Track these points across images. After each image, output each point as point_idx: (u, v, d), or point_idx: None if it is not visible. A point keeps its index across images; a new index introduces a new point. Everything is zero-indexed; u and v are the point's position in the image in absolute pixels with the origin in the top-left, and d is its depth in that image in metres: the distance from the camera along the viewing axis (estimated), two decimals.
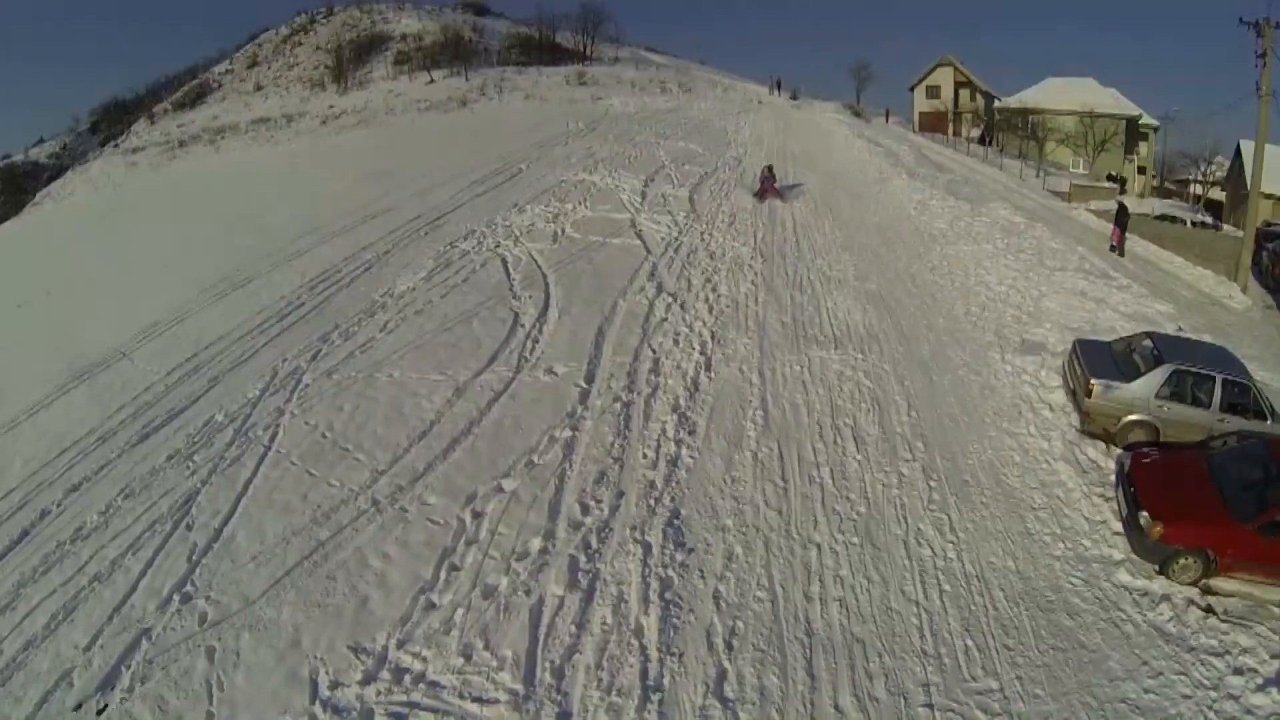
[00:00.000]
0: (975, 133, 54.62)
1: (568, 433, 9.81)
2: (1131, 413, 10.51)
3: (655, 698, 6.12)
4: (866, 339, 12.80)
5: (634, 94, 49.51)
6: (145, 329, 16.80)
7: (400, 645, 6.82)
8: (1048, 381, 11.66)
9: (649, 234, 18.63)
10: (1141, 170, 53.52)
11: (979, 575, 7.73)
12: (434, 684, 6.41)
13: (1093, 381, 10.59)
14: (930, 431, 10.10)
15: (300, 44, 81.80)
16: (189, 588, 7.94)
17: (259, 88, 75.16)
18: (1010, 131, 48.32)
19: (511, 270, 16.37)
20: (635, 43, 76.62)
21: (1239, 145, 49.62)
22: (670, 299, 14.23)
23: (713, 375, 11.34)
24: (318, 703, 6.35)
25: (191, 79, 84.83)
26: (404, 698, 6.31)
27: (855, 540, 7.97)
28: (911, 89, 60.14)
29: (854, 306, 14.22)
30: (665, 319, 13.35)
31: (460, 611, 7.07)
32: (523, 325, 13.37)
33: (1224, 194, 51.29)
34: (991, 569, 7.84)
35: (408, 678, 6.50)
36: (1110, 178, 46.01)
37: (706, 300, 14.27)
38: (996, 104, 53.48)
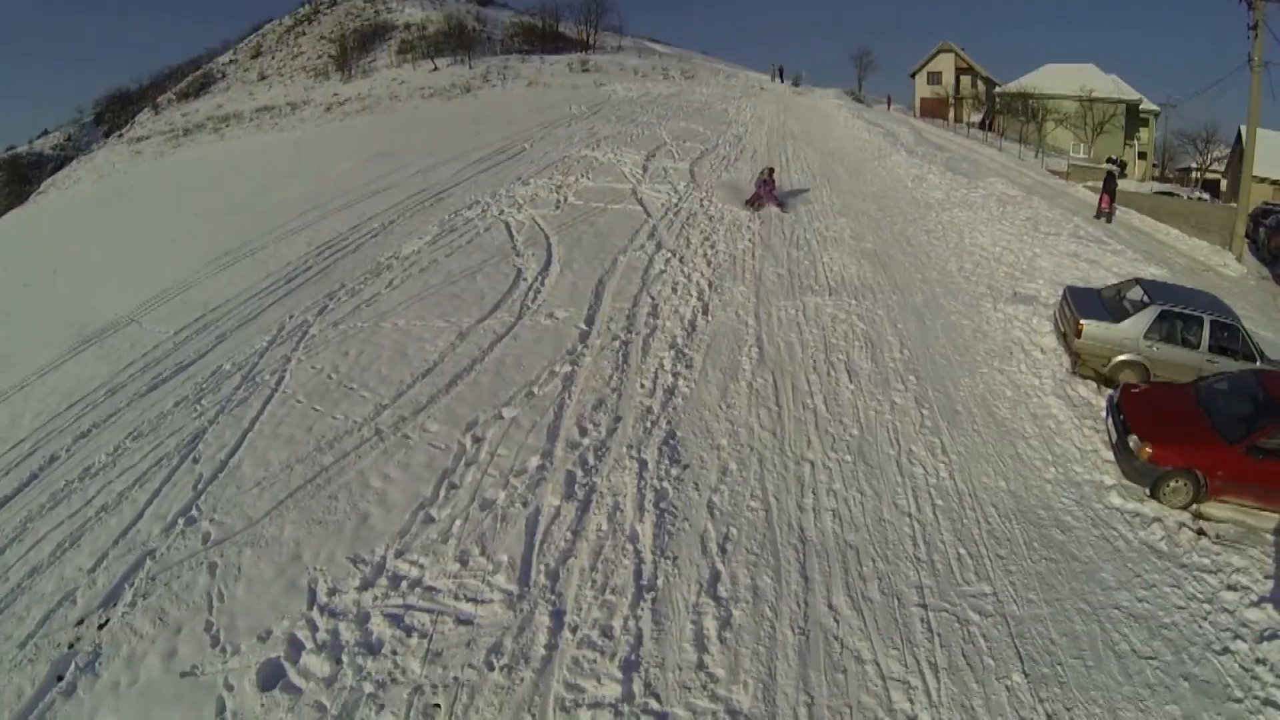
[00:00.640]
0: (976, 118, 54.63)
1: (567, 368, 9.99)
2: (1121, 353, 10.67)
3: (649, 596, 6.29)
4: (860, 289, 12.97)
5: (637, 80, 49.60)
6: (153, 297, 16.98)
7: (399, 555, 6.97)
8: (1039, 328, 11.82)
9: (649, 200, 18.77)
10: (1142, 156, 53.51)
11: (971, 493, 7.90)
12: (430, 589, 6.55)
13: (1082, 322, 10.76)
14: (923, 367, 10.27)
15: (304, 34, 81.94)
16: (194, 512, 8.08)
17: (263, 77, 75.37)
18: (1010, 116, 48.35)
19: (515, 233, 16.52)
20: (638, 34, 76.78)
21: (1240, 130, 49.62)
22: (669, 254, 14.39)
23: (709, 318, 11.51)
24: (315, 608, 6.48)
25: (195, 69, 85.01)
26: (400, 601, 6.45)
27: (848, 458, 8.15)
28: (913, 75, 60.18)
29: (849, 262, 14.38)
30: (664, 271, 13.51)
31: (458, 523, 7.25)
32: (525, 279, 13.53)
33: (1225, 180, 51.35)
34: (983, 488, 8.01)
35: (405, 583, 6.63)
36: (1110, 161, 46.11)
37: (705, 255, 14.43)
38: (996, 89, 53.48)
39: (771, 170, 18.47)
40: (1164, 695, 5.82)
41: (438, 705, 5.45)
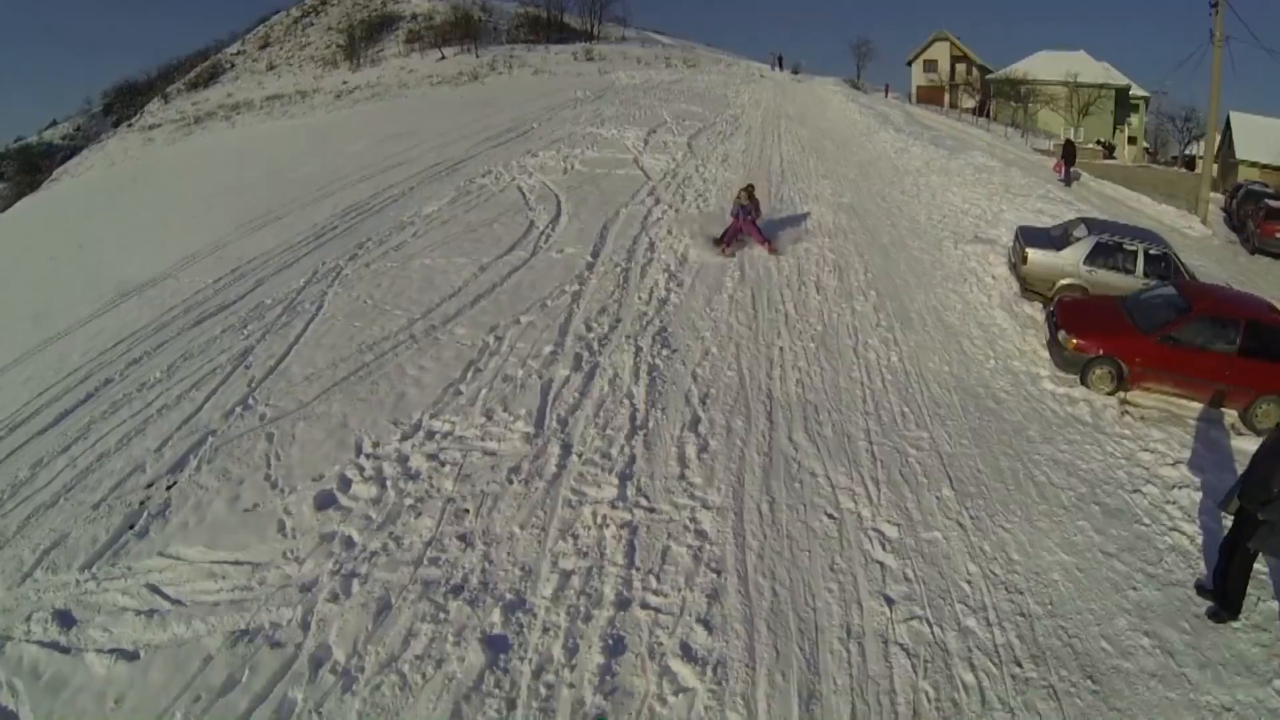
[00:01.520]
0: (971, 104, 55.95)
1: (575, 287, 11.49)
2: (1064, 277, 12.11)
3: (640, 433, 7.78)
4: (835, 232, 14.45)
5: (640, 68, 51.06)
6: (185, 258, 18.01)
7: (433, 416, 8.34)
8: (993, 262, 13.27)
9: (650, 167, 20.25)
10: (1132, 140, 54.76)
11: (917, 373, 9.38)
12: (460, 437, 7.92)
13: (1028, 250, 12.22)
14: (883, 286, 11.77)
15: (312, 25, 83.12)
16: (249, 401, 9.21)
17: (271, 67, 76.54)
18: (1003, 101, 49.69)
19: (527, 194, 17.99)
20: (642, 25, 78.06)
21: (1229, 117, 50.94)
22: (667, 207, 15.88)
23: (701, 252, 12.99)
24: (361, 456, 7.71)
25: (203, 60, 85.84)
26: (435, 446, 7.78)
27: (812, 345, 9.66)
28: (909, 63, 61.53)
29: (827, 213, 15.85)
30: (660, 219, 14.99)
31: (483, 392, 8.72)
32: (537, 226, 15.00)
33: (1215, 163, 52.59)
34: (929, 370, 9.49)
35: (438, 435, 7.98)
36: (1099, 144, 47.46)
37: (698, 208, 15.91)
38: (989, 76, 54.81)
39: (752, 189, 13.20)
40: (1076, 514, 7.20)
41: (467, 510, 6.87)
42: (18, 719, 5.23)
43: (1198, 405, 9.61)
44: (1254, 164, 44.53)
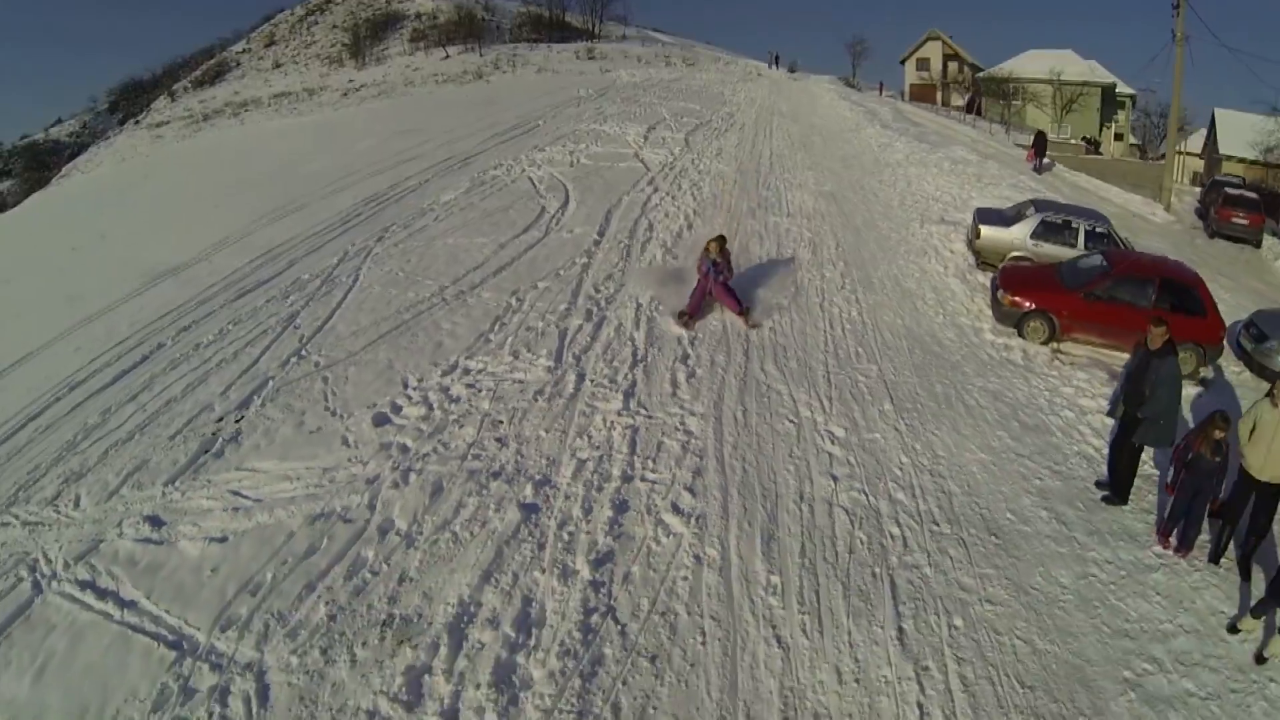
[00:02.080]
0: (962, 101, 57.61)
1: (584, 259, 13.16)
2: (1013, 250, 13.80)
3: (640, 364, 9.46)
4: (814, 215, 16.14)
5: (640, 66, 52.75)
6: (213, 245, 19.13)
7: (468, 358, 9.94)
8: (953, 240, 14.96)
9: (650, 160, 21.91)
10: (1119, 136, 56.37)
11: (874, 324, 11.07)
12: (492, 372, 9.54)
13: (981, 227, 13.91)
14: (851, 258, 13.47)
15: (316, 23, 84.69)
16: (302, 353, 10.62)
17: (277, 65, 78.03)
18: (992, 98, 51.38)
19: (537, 184, 19.63)
20: (642, 24, 79.71)
21: (1214, 114, 52.66)
22: (664, 195, 17.55)
23: (692, 232, 14.67)
24: (408, 388, 9.28)
25: (208, 59, 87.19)
26: (471, 379, 9.42)
27: (784, 304, 11.33)
28: (902, 62, 63.26)
29: (808, 199, 17.54)
30: (659, 205, 16.67)
31: (510, 339, 10.38)
32: (549, 211, 16.65)
33: (1202, 159, 54.23)
34: (883, 322, 11.18)
35: (473, 371, 9.60)
36: (1085, 140, 49.13)
37: (692, 195, 17.58)
38: (980, 74, 56.50)
39: (723, 242, 10.75)
40: (997, 427, 8.87)
41: (501, 421, 8.53)
42: (119, 595, 6.43)
43: (1123, 354, 11.23)
44: (1239, 159, 46.30)
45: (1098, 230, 14.00)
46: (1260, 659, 6.02)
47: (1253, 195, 24.03)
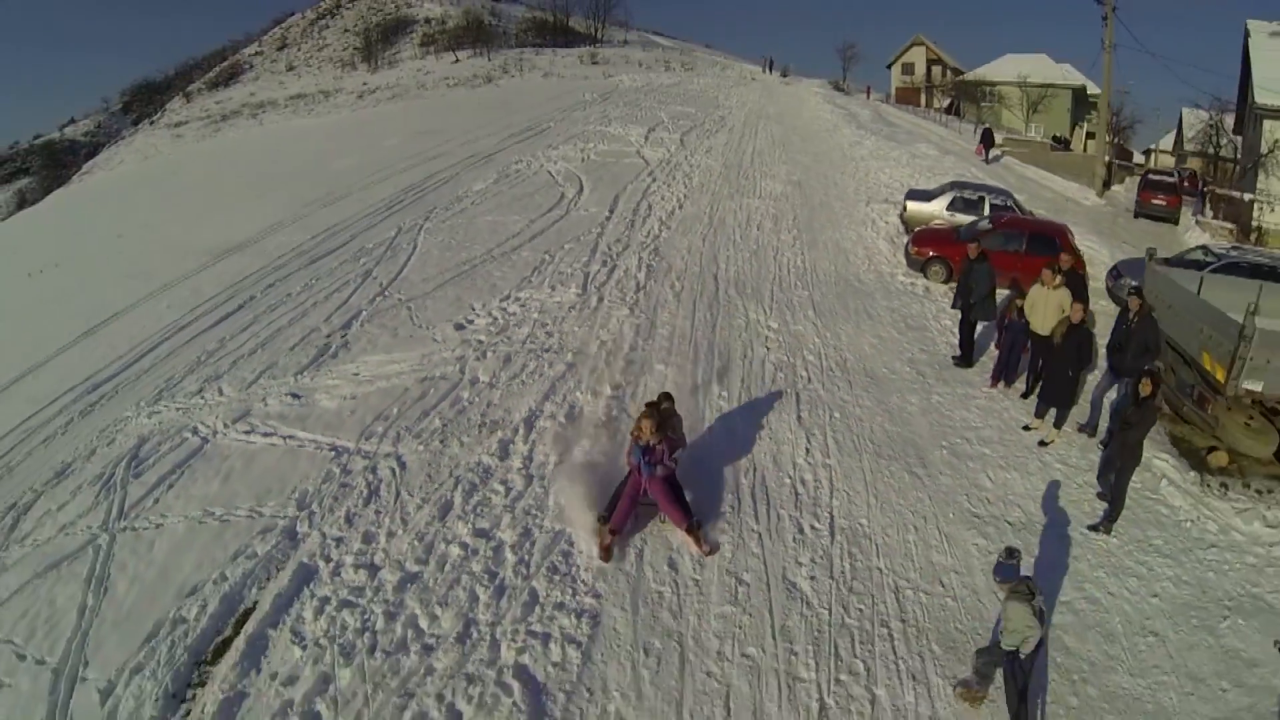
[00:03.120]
0: (944, 103, 61.54)
1: (599, 229, 17.14)
2: (933, 219, 17.73)
3: (642, 291, 13.42)
4: (780, 198, 20.16)
5: (641, 71, 56.84)
6: (270, 226, 21.57)
7: (518, 290, 13.88)
8: (889, 214, 18.91)
9: (649, 156, 25.89)
10: (1091, 135, 60.18)
11: (812, 269, 15.04)
12: (538, 299, 13.50)
13: (908, 202, 17.88)
14: (804, 227, 17.48)
15: (328, 27, 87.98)
16: (385, 294, 14.38)
17: (291, 68, 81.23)
18: (969, 101, 55.34)
19: (555, 176, 23.62)
20: (643, 27, 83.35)
21: (1181, 114, 56.46)
22: (661, 184, 21.56)
23: (682, 210, 18.69)
24: (473, 310, 13.12)
25: (221, 61, 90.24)
26: (522, 302, 13.34)
27: (746, 254, 15.38)
28: (889, 66, 67.24)
29: (778, 186, 21.55)
30: (656, 191, 20.67)
31: (547, 279, 14.32)
32: (567, 196, 20.64)
33: (1174, 159, 58.04)
34: (820, 268, 15.14)
35: (523, 298, 13.52)
36: (1055, 139, 53.05)
37: (684, 184, 21.58)
38: (960, 78, 60.47)
39: (671, 404, 8.02)
40: (890, 326, 12.71)
41: (547, 323, 12.46)
42: (278, 431, 9.80)
43: (1003, 290, 15.13)
44: (1193, 153, 50.05)
45: (1003, 204, 17.91)
46: (1042, 444, 9.76)
47: (1170, 179, 27.88)
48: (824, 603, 6.81)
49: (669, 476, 7.26)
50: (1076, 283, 10.57)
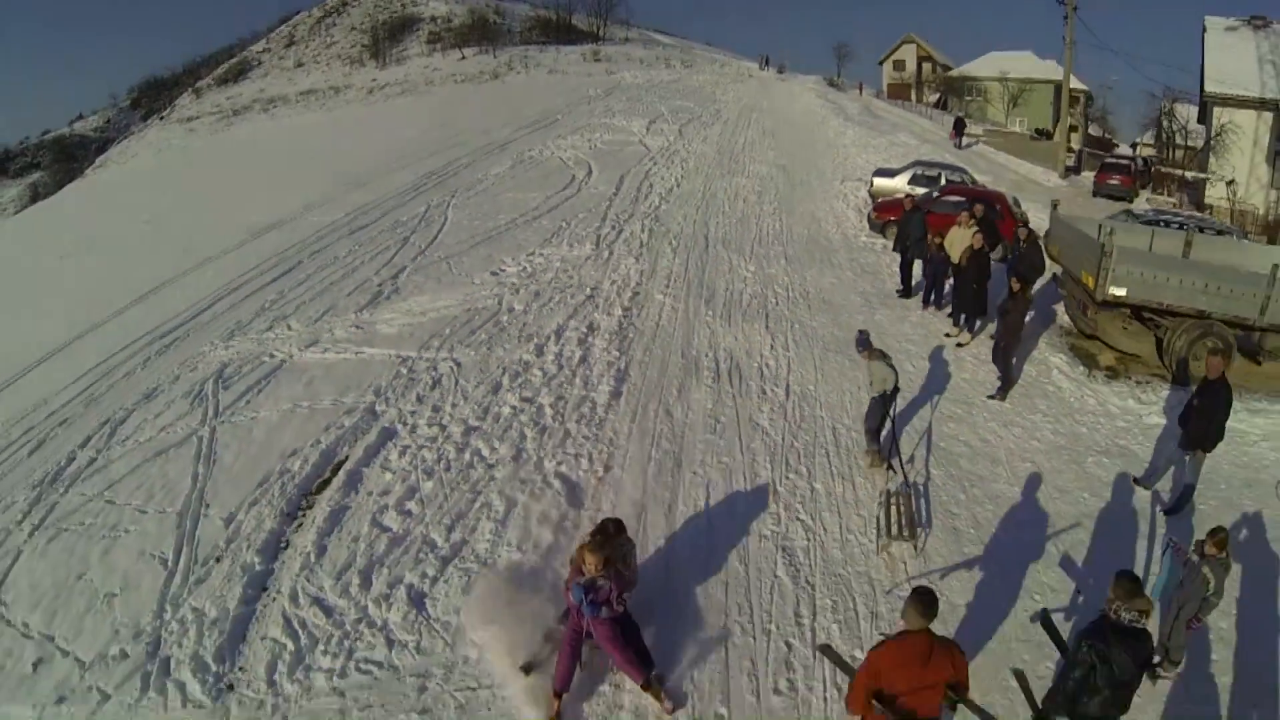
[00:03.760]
0: (933, 99, 64.26)
1: (607, 204, 19.94)
2: (896, 192, 20.49)
3: (645, 248, 16.23)
4: (765, 178, 22.97)
5: (642, 68, 59.57)
6: (303, 207, 23.59)
7: (541, 248, 16.65)
8: (860, 190, 21.71)
9: (650, 145, 28.70)
10: (1074, 129, 62.89)
11: (787, 231, 17.85)
12: (559, 254, 16.29)
13: (874, 178, 20.69)
14: (783, 200, 20.30)
15: (335, 24, 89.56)
16: (423, 254, 17.16)
17: (299, 64, 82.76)
18: (956, 96, 58.10)
19: (566, 161, 26.45)
20: (644, 25, 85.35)
21: (1161, 106, 58.94)
22: (661, 167, 24.39)
23: (679, 188, 21.52)
24: (502, 265, 15.93)
25: (229, 58, 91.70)
26: (545, 257, 16.13)
27: (734, 220, 18.20)
28: (880, 64, 70.00)
29: (764, 168, 24.38)
30: (657, 173, 23.49)
31: (563, 241, 17.06)
32: (578, 177, 23.46)
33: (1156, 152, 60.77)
34: (794, 231, 17.95)
35: (546, 254, 16.33)
36: (1038, 131, 55.81)
37: (681, 168, 24.39)
38: (948, 74, 63.23)
39: (621, 528, 6.32)
40: (846, 270, 15.46)
41: (568, 270, 15.27)
42: (349, 351, 12.67)
43: None
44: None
45: (959, 179, 20.67)
46: (959, 345, 12.50)
47: (1125, 162, 30.68)
48: (779, 434, 9.59)
49: (618, 619, 5.63)
50: (987, 228, 13.28)
